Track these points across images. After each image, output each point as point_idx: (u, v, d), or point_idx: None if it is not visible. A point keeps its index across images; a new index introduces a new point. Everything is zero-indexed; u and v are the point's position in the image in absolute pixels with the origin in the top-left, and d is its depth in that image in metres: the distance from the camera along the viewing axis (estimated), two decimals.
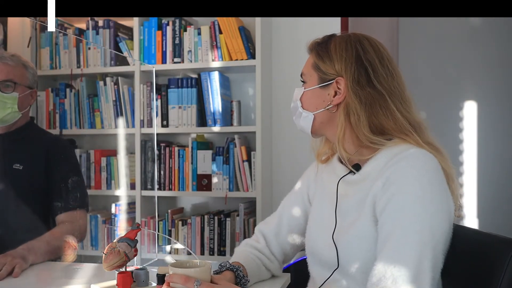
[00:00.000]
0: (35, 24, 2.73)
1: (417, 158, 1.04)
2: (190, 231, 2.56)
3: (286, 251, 1.34)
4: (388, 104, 1.10)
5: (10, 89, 1.70)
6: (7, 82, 1.69)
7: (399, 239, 0.98)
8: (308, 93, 1.20)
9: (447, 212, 1.03)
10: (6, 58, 1.71)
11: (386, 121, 1.10)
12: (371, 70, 1.12)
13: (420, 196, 1.00)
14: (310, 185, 1.33)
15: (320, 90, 1.17)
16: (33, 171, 1.71)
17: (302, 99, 1.20)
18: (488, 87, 3.13)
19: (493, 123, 3.11)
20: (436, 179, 1.03)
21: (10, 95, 1.69)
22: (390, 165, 1.05)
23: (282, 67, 2.62)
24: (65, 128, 2.72)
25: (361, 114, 1.10)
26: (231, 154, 2.49)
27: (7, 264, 1.35)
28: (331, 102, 1.15)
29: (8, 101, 1.68)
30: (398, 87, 1.13)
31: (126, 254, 1.06)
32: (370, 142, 1.10)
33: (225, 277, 1.14)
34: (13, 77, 1.70)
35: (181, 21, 2.55)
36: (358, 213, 1.09)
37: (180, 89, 2.54)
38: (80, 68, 2.69)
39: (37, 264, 1.48)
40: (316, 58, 1.18)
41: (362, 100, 1.10)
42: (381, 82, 1.11)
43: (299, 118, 1.22)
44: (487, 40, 3.11)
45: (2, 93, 1.67)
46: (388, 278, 0.95)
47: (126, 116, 2.63)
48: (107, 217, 2.69)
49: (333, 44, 1.16)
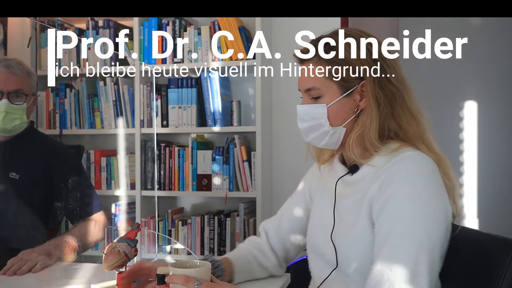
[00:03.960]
0: (35, 24, 2.72)
1: (413, 161, 1.03)
2: (190, 231, 2.56)
3: (287, 247, 1.33)
4: (406, 102, 1.08)
5: (20, 99, 1.66)
6: (17, 92, 1.65)
7: (395, 243, 0.97)
8: (333, 107, 1.09)
9: (443, 215, 1.02)
10: (14, 67, 1.66)
11: (407, 122, 1.08)
12: (385, 67, 1.09)
13: (416, 199, 0.99)
14: (312, 183, 1.32)
15: (344, 99, 1.10)
16: (30, 180, 1.66)
17: (329, 116, 1.09)
18: (488, 87, 3.13)
19: (493, 123, 3.11)
20: (432, 181, 1.02)
21: (20, 107, 1.65)
22: (386, 167, 1.05)
23: (282, 67, 2.61)
24: (65, 128, 2.72)
25: (374, 119, 1.07)
26: (231, 154, 2.48)
27: (31, 261, 1.37)
28: (358, 107, 1.10)
29: (18, 112, 1.65)
30: (405, 77, 1.12)
31: (126, 254, 1.06)
32: (372, 147, 1.09)
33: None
34: (22, 87, 1.67)
35: (181, 21, 2.55)
36: (355, 214, 1.08)
37: (180, 89, 2.54)
38: (80, 68, 2.68)
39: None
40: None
41: (381, 103, 1.07)
42: (396, 77, 1.09)
43: (324, 137, 1.12)
44: (488, 40, 3.10)
45: (12, 104, 1.63)
46: (385, 282, 0.95)
47: (126, 116, 2.63)
48: (107, 217, 2.68)
49: (344, 47, 1.09)
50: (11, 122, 1.63)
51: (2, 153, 1.67)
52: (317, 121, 1.11)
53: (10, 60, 1.69)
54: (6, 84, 1.63)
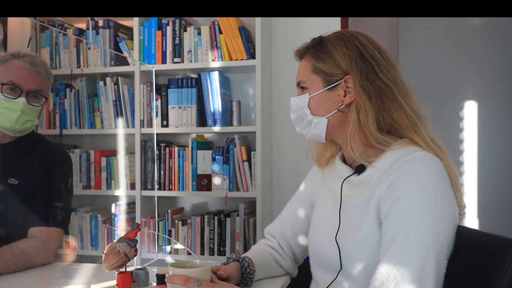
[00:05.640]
0: (35, 24, 2.72)
1: (422, 162, 1.03)
2: (190, 231, 2.56)
3: (294, 251, 1.37)
4: (396, 96, 1.09)
5: (38, 101, 1.58)
6: (36, 93, 1.57)
7: (403, 243, 0.97)
8: (315, 98, 1.14)
9: (451, 217, 1.02)
10: (38, 65, 1.57)
11: (397, 114, 1.09)
12: (375, 64, 1.11)
13: (425, 200, 0.99)
14: (313, 188, 1.32)
15: (328, 92, 1.13)
16: (29, 186, 1.57)
17: (310, 105, 1.15)
18: (488, 87, 3.13)
19: (493, 123, 3.12)
20: (441, 183, 1.03)
21: (36, 108, 1.57)
22: (395, 167, 1.05)
23: (282, 67, 2.62)
24: (65, 128, 2.72)
25: (369, 111, 1.08)
26: (231, 154, 2.48)
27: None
28: (343, 102, 1.12)
29: (32, 114, 1.57)
30: (399, 77, 1.13)
31: (126, 254, 1.06)
32: (376, 141, 1.09)
33: (230, 267, 1.18)
34: (42, 88, 1.58)
35: (181, 21, 2.55)
36: (362, 215, 1.08)
37: (180, 89, 2.54)
38: (80, 68, 2.69)
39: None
40: (315, 61, 1.14)
41: (372, 95, 1.09)
42: (385, 74, 1.10)
43: (309, 127, 1.17)
44: (487, 40, 3.11)
45: (30, 105, 1.55)
46: (391, 282, 0.95)
47: (126, 116, 2.63)
48: (107, 217, 2.69)
49: (330, 43, 1.14)
50: (23, 123, 1.55)
51: (1, 157, 1.59)
52: (301, 110, 1.17)
53: (34, 57, 1.59)
54: (28, 82, 1.55)
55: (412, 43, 3.13)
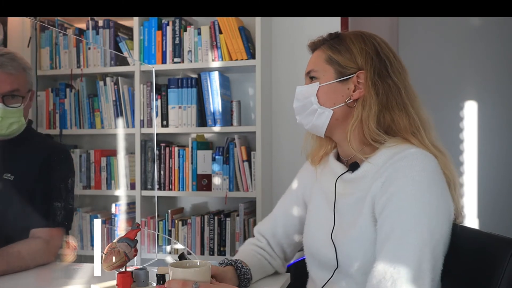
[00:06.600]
0: (35, 24, 2.72)
1: (416, 158, 1.03)
2: (190, 231, 2.56)
3: (285, 249, 1.35)
4: (402, 98, 1.10)
5: (17, 101, 1.52)
6: (13, 93, 1.51)
7: (399, 240, 0.97)
8: (324, 88, 1.14)
9: (446, 213, 1.02)
10: (7, 65, 1.50)
11: (399, 115, 1.09)
12: (388, 64, 1.12)
13: (419, 197, 0.99)
14: (306, 186, 1.32)
15: (338, 84, 1.14)
16: (25, 182, 1.54)
17: (318, 95, 1.14)
18: (488, 87, 3.13)
19: (493, 123, 3.11)
20: (436, 179, 1.03)
21: (17, 109, 1.52)
22: (389, 164, 1.05)
23: (282, 67, 2.62)
24: (65, 128, 2.72)
25: (373, 106, 1.09)
26: (231, 154, 2.48)
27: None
28: (351, 96, 1.13)
29: (15, 115, 1.52)
30: (409, 82, 1.15)
31: (126, 254, 1.06)
32: (372, 138, 1.09)
33: (225, 272, 1.16)
34: (18, 86, 1.52)
35: (181, 21, 2.55)
36: (357, 212, 1.08)
37: (180, 89, 2.54)
38: (80, 68, 2.69)
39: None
40: (331, 52, 1.15)
41: (380, 93, 1.10)
42: (397, 75, 1.12)
43: (311, 116, 1.16)
44: (487, 40, 3.11)
45: (8, 107, 1.49)
46: (388, 280, 0.95)
47: (126, 116, 2.63)
48: (107, 217, 2.69)
49: (349, 38, 1.15)
50: (8, 126, 1.51)
51: (1, 153, 1.56)
52: (307, 99, 1.16)
53: (2, 57, 1.52)
54: (0, 85, 1.49)
55: (412, 43, 3.13)
